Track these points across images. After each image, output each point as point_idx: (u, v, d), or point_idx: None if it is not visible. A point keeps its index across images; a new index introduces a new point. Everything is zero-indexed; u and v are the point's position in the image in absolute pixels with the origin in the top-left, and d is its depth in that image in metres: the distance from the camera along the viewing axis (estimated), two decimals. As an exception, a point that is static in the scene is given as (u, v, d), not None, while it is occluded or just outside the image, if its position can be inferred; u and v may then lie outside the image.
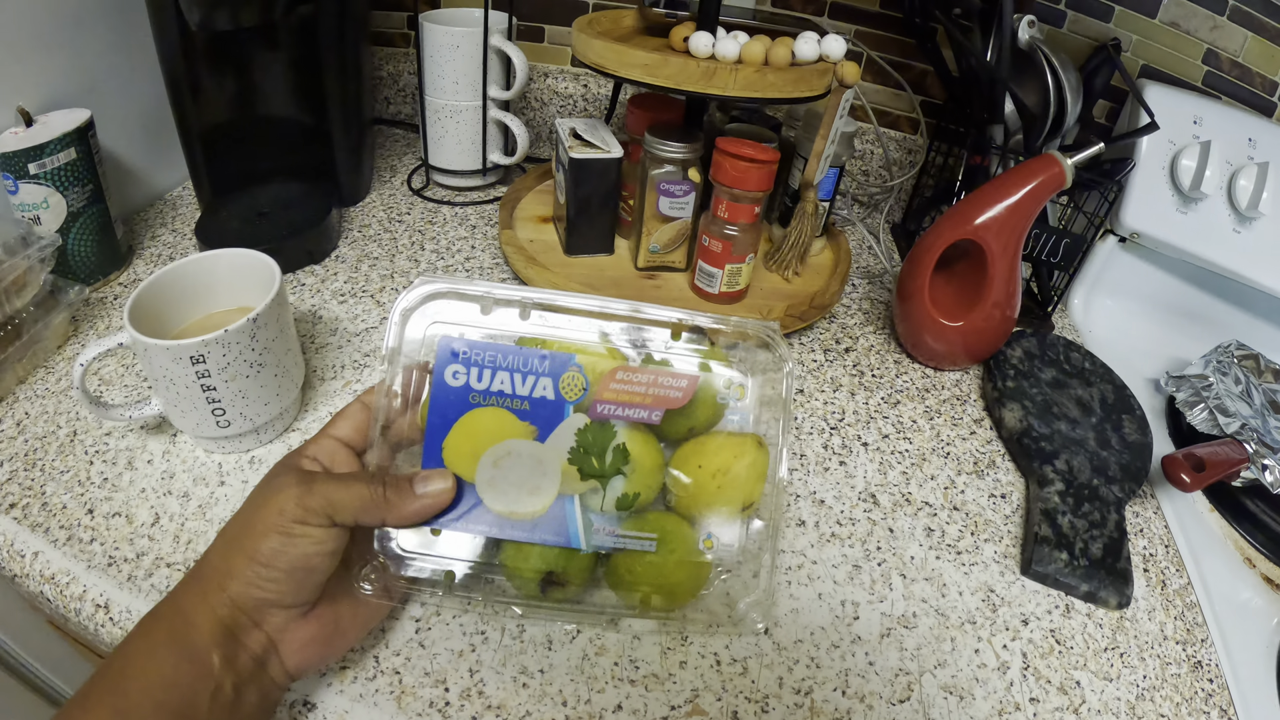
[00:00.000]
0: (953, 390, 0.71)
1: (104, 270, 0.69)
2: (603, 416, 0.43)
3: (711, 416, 0.45)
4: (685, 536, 0.44)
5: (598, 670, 0.45)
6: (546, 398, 0.42)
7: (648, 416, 0.43)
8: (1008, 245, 0.65)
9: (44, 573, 0.47)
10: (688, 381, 0.43)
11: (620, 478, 0.43)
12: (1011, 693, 0.47)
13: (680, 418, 0.44)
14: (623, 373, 0.43)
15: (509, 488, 0.42)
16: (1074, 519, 0.56)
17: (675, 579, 0.44)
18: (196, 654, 0.35)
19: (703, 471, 0.44)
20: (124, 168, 0.77)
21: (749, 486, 0.44)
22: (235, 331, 0.48)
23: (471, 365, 0.42)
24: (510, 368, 0.42)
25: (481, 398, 0.42)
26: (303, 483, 0.38)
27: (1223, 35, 0.78)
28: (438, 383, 0.42)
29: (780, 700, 0.45)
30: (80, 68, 0.70)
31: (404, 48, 1.03)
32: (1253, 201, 0.73)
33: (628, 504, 0.43)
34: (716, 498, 0.44)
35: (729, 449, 0.44)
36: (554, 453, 0.42)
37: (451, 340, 0.42)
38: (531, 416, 0.42)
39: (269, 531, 0.37)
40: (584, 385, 0.42)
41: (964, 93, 0.81)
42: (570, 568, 0.43)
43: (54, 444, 0.54)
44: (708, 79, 0.62)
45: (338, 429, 0.43)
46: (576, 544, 0.42)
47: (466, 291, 0.43)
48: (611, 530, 0.43)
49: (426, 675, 0.43)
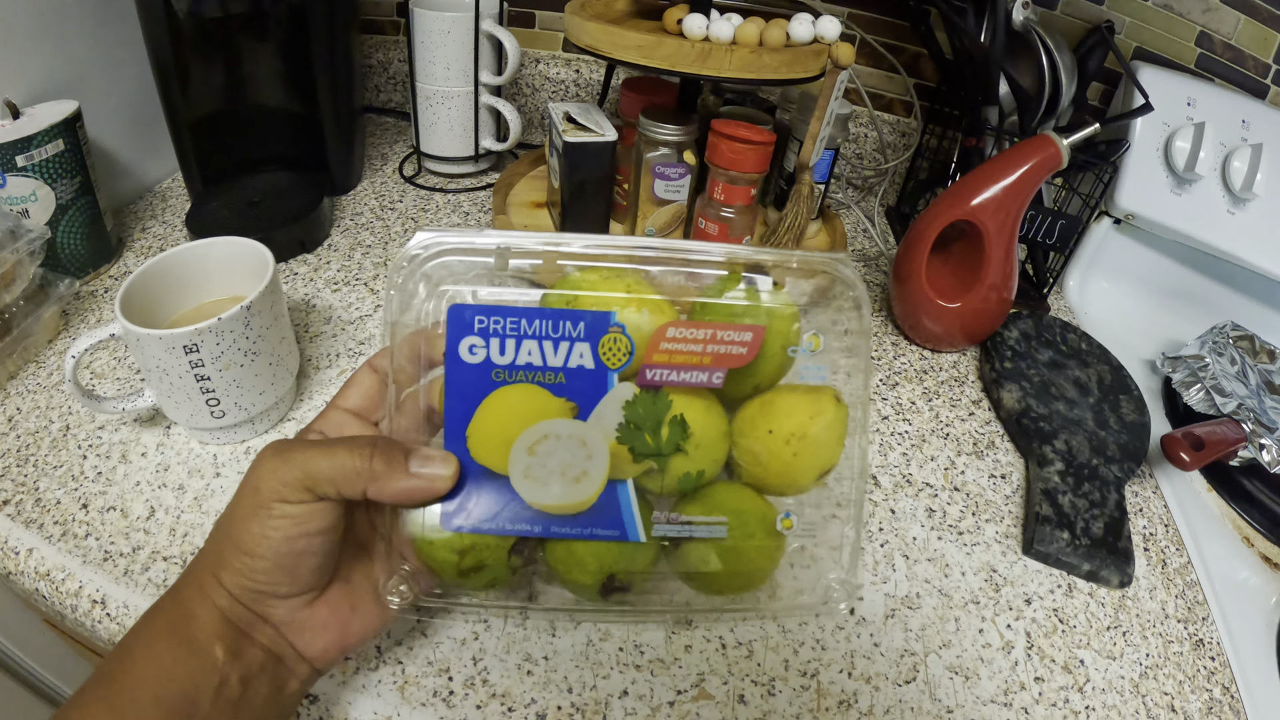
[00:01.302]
0: (950, 372, 0.71)
1: (94, 263, 0.69)
2: (654, 383, 0.37)
3: (778, 369, 0.39)
4: (761, 515, 0.39)
5: (602, 656, 0.44)
6: (585, 367, 0.36)
7: (708, 379, 0.37)
8: (1004, 226, 0.65)
9: (39, 569, 0.46)
10: (753, 334, 0.36)
11: (680, 455, 0.37)
12: (1016, 672, 0.47)
13: (744, 376, 0.38)
14: (674, 329, 0.36)
15: (549, 477, 0.36)
16: (1074, 498, 0.56)
17: (753, 565, 0.40)
18: (197, 647, 0.33)
19: (774, 437, 0.38)
20: (113, 159, 0.76)
21: (827, 451, 0.39)
22: (229, 320, 0.48)
23: (491, 336, 0.36)
24: (538, 335, 0.36)
25: (507, 374, 0.36)
26: (279, 454, 0.34)
27: (1215, 17, 0.78)
28: (452, 361, 0.36)
29: (786, 683, 0.44)
30: (67, 58, 0.69)
31: (394, 35, 1.02)
32: (1246, 183, 0.73)
33: (691, 484, 0.38)
34: (791, 466, 0.38)
35: (802, 408, 0.38)
36: (599, 432, 0.37)
37: (463, 309, 0.35)
38: (569, 391, 0.36)
39: (248, 515, 0.33)
40: (628, 348, 0.36)
41: (958, 75, 0.81)
42: (633, 568, 0.38)
43: (46, 439, 0.54)
44: (703, 60, 0.61)
45: (346, 399, 0.39)
46: (634, 536, 0.37)
47: (478, 245, 0.37)
48: (675, 517, 0.38)
49: (429, 664, 0.43)
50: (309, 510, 0.33)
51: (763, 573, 0.40)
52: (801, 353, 0.38)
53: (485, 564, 0.37)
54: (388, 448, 0.34)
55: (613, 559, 0.37)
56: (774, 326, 0.37)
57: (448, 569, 0.37)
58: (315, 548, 0.34)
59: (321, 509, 0.34)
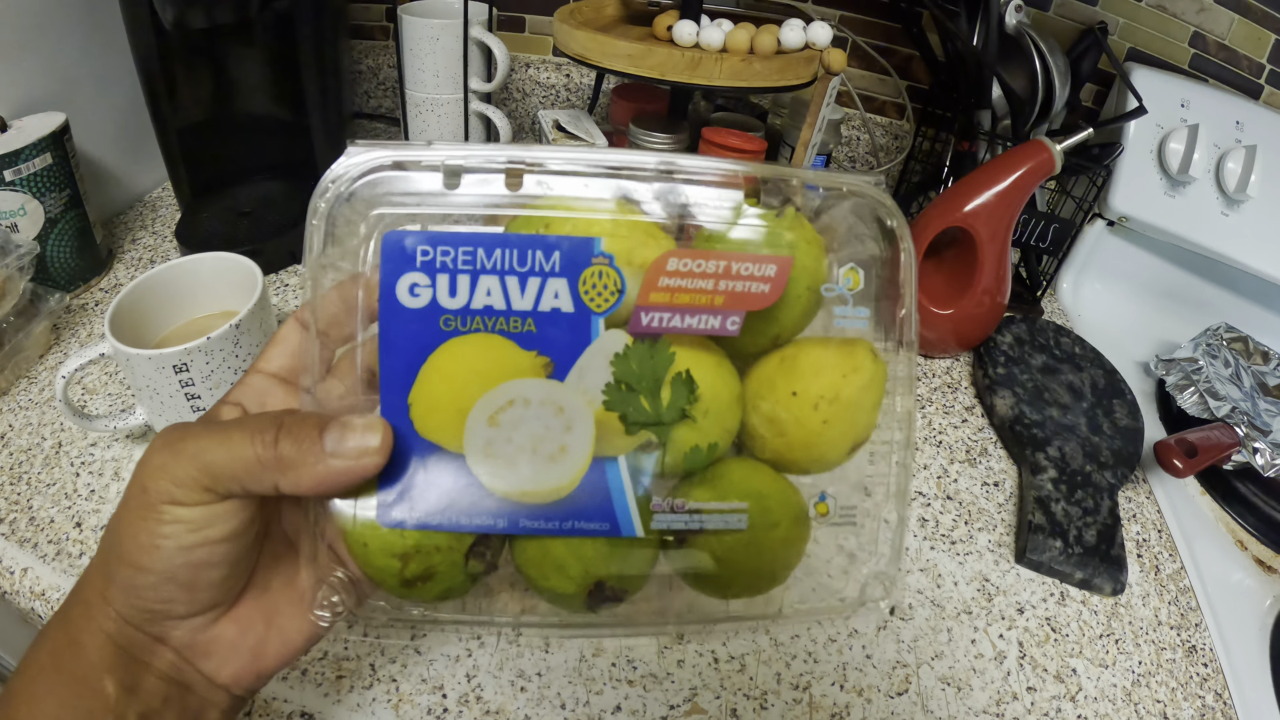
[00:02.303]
0: (943, 378, 0.71)
1: (84, 276, 0.68)
2: (651, 330, 0.29)
3: (802, 315, 0.31)
4: (787, 501, 0.32)
5: (595, 671, 0.44)
6: (561, 310, 0.28)
7: (721, 325, 0.29)
8: (997, 232, 0.65)
9: (34, 589, 0.46)
10: (777, 266, 0.28)
11: (686, 423, 0.29)
12: (1009, 682, 0.47)
13: (762, 324, 0.30)
14: (677, 259, 0.28)
15: (517, 455, 0.28)
16: (1067, 506, 0.56)
17: (775, 562, 0.32)
18: (85, 684, 0.27)
19: (799, 401, 0.30)
20: (101, 171, 0.76)
21: (864, 417, 0.31)
22: (218, 338, 0.48)
23: (438, 272, 0.27)
24: (499, 269, 0.27)
25: (460, 321, 0.28)
26: (169, 444, 0.27)
27: (1209, 18, 0.78)
28: (388, 306, 0.27)
29: (779, 696, 0.44)
30: (54, 70, 0.68)
31: (383, 40, 1.02)
32: (1240, 184, 0.73)
33: (701, 461, 0.30)
34: (820, 437, 0.31)
35: (834, 365, 0.31)
36: (581, 395, 0.29)
37: (402, 237, 0.27)
38: (541, 342, 0.28)
39: (134, 519, 0.27)
40: (618, 284, 0.28)
41: (951, 78, 0.81)
42: (626, 571, 0.30)
43: (39, 456, 0.54)
44: (692, 69, 0.61)
45: (269, 360, 0.31)
46: (629, 530, 0.29)
47: (422, 159, 0.29)
48: (681, 504, 0.30)
49: (423, 682, 0.43)
50: (208, 513, 0.27)
51: (786, 569, 0.33)
52: (838, 290, 0.30)
53: (435, 571, 0.29)
54: (297, 425, 0.27)
55: (600, 561, 0.29)
56: (801, 259, 0.29)
57: (388, 578, 0.29)
58: (218, 557, 0.27)
59: (225, 510, 0.27)
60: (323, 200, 0.28)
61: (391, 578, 0.29)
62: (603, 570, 0.30)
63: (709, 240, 0.30)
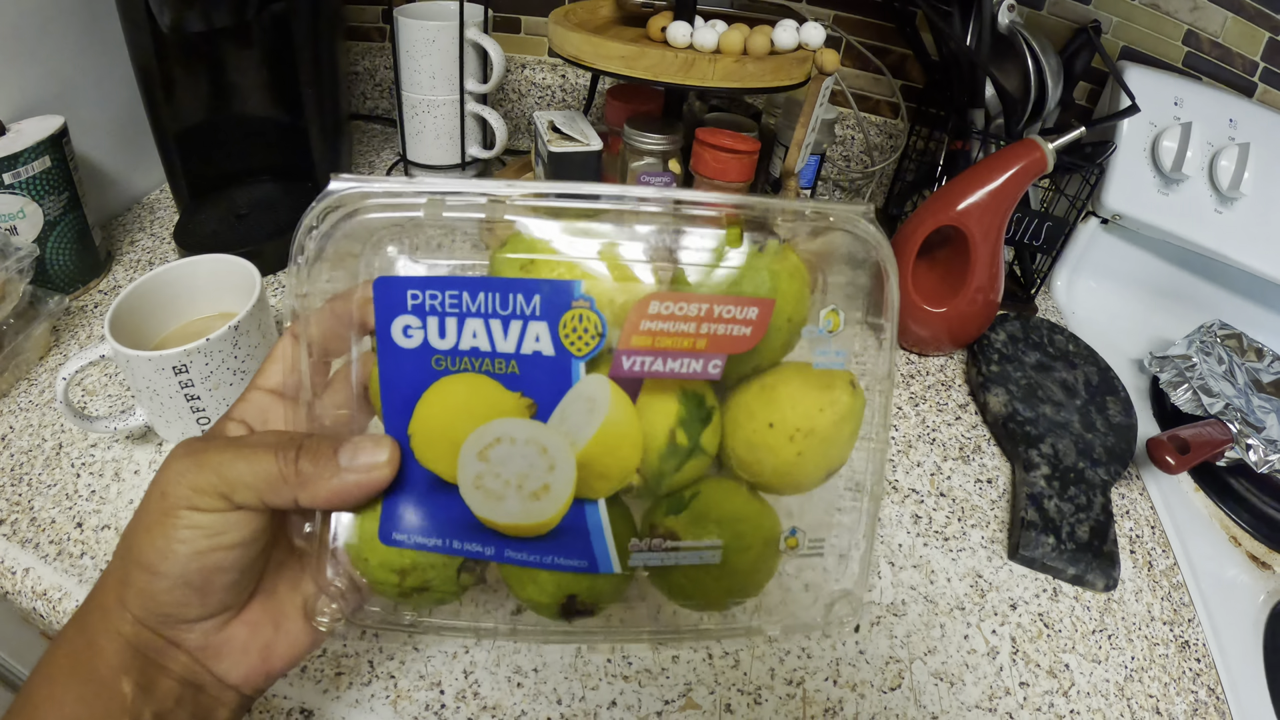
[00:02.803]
0: (937, 376, 0.72)
1: (83, 278, 0.69)
2: (633, 374, 0.29)
3: (783, 346, 0.32)
4: (760, 525, 0.33)
5: (590, 667, 0.45)
6: (542, 354, 0.29)
7: (703, 369, 0.29)
8: (990, 230, 0.65)
9: (35, 589, 0.47)
10: (759, 309, 0.29)
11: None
12: (1001, 677, 0.48)
13: (743, 359, 0.31)
14: (659, 302, 0.28)
15: (505, 490, 0.30)
16: (1060, 503, 0.57)
17: (746, 579, 0.34)
18: (102, 684, 0.28)
19: (776, 432, 0.31)
20: (100, 173, 0.76)
21: (838, 449, 0.32)
22: (217, 340, 0.48)
23: (429, 314, 0.29)
24: (483, 312, 0.28)
25: (450, 361, 0.29)
26: (190, 453, 0.29)
27: (1203, 16, 0.78)
28: (385, 345, 0.29)
29: (773, 691, 0.45)
30: (52, 74, 0.69)
31: (379, 42, 1.02)
32: (1234, 182, 0.73)
33: (681, 506, 0.32)
34: (794, 467, 0.32)
35: (811, 398, 0.32)
36: (563, 437, 0.29)
37: (392, 282, 0.29)
38: (524, 384, 0.29)
39: (152, 524, 0.28)
40: (598, 328, 0.28)
41: (944, 77, 0.81)
42: (598, 588, 0.32)
43: (40, 457, 0.54)
44: (686, 70, 0.61)
45: (267, 377, 0.33)
46: (606, 567, 0.31)
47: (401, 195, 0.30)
48: (658, 544, 0.31)
49: (421, 678, 0.43)
50: (223, 520, 0.28)
51: (757, 587, 0.34)
52: (818, 333, 0.31)
53: (430, 585, 0.31)
54: (315, 445, 0.29)
55: (572, 579, 0.32)
56: (783, 295, 0.30)
57: (388, 590, 0.31)
58: (230, 563, 0.29)
59: (239, 519, 0.29)
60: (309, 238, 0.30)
61: (391, 590, 0.31)
62: (575, 587, 0.32)
63: (689, 283, 0.30)
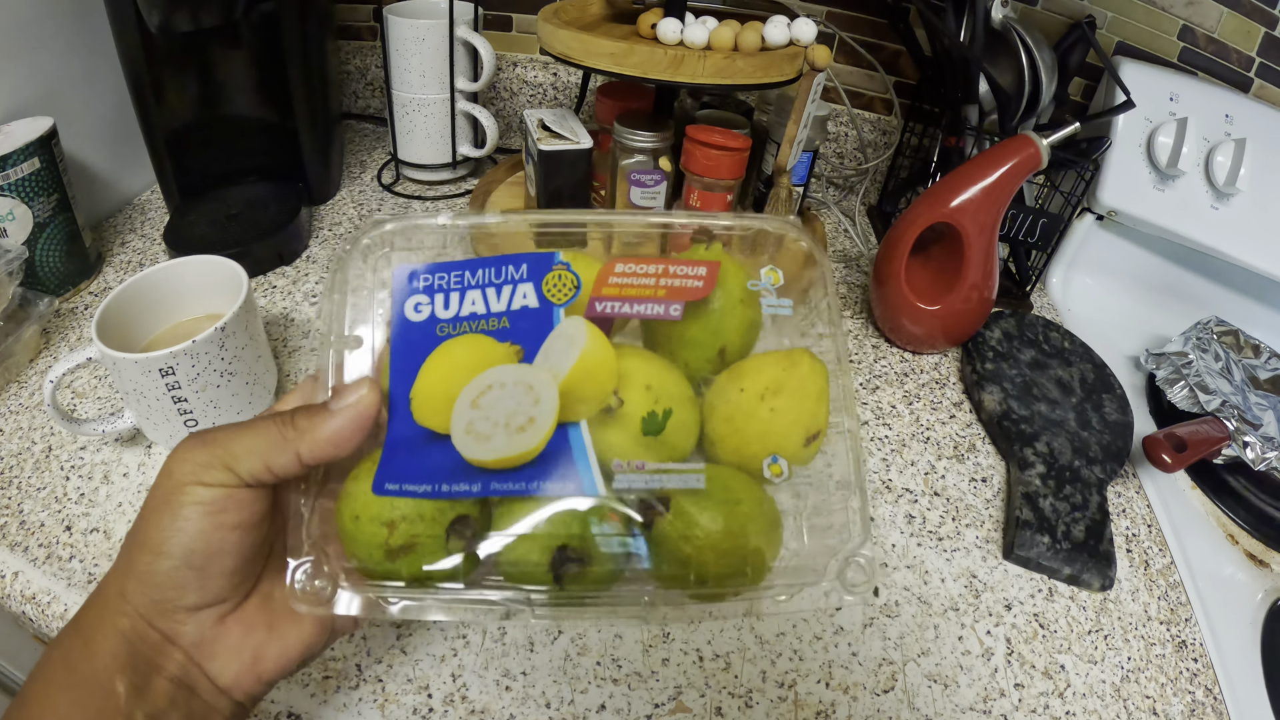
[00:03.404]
0: (931, 374, 0.71)
1: (73, 280, 0.68)
2: (604, 315, 0.33)
3: (743, 323, 0.36)
4: (748, 482, 0.34)
5: (580, 670, 0.45)
6: (529, 306, 0.34)
7: (665, 311, 0.34)
8: (984, 227, 0.65)
9: (25, 593, 0.47)
10: (707, 268, 0.34)
11: (642, 391, 0.33)
12: (996, 679, 0.47)
13: (706, 325, 0.35)
14: (622, 264, 0.34)
15: (493, 430, 0.32)
16: (1055, 502, 0.56)
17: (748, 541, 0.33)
18: (96, 685, 0.29)
19: (746, 395, 0.34)
20: (90, 174, 0.76)
21: (810, 407, 0.34)
22: (204, 341, 0.48)
23: (436, 292, 0.34)
24: (481, 283, 0.34)
25: (451, 327, 0.33)
26: (195, 436, 0.31)
27: (1198, 11, 0.77)
28: (399, 321, 0.34)
29: (764, 694, 0.45)
30: (40, 74, 0.68)
31: (370, 40, 1.02)
32: (1230, 178, 0.72)
33: (658, 426, 0.33)
34: (771, 426, 0.34)
35: (773, 362, 0.35)
36: (547, 373, 0.33)
37: (409, 269, 0.34)
38: (513, 334, 0.33)
39: (159, 505, 0.30)
40: (574, 283, 0.34)
41: (938, 73, 0.80)
42: (589, 534, 0.32)
43: (29, 460, 0.54)
44: (676, 67, 0.61)
45: (286, 405, 0.35)
46: (591, 489, 0.31)
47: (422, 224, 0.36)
48: (640, 464, 0.32)
49: (409, 682, 0.43)
50: (227, 496, 0.30)
51: (759, 556, 0.33)
52: (763, 284, 0.36)
53: (418, 542, 0.31)
54: (308, 406, 0.32)
55: (562, 524, 0.32)
56: (729, 267, 0.35)
57: (375, 550, 0.31)
58: (231, 545, 0.30)
59: (243, 497, 0.30)
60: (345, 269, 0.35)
61: (377, 549, 0.31)
62: (564, 533, 0.32)
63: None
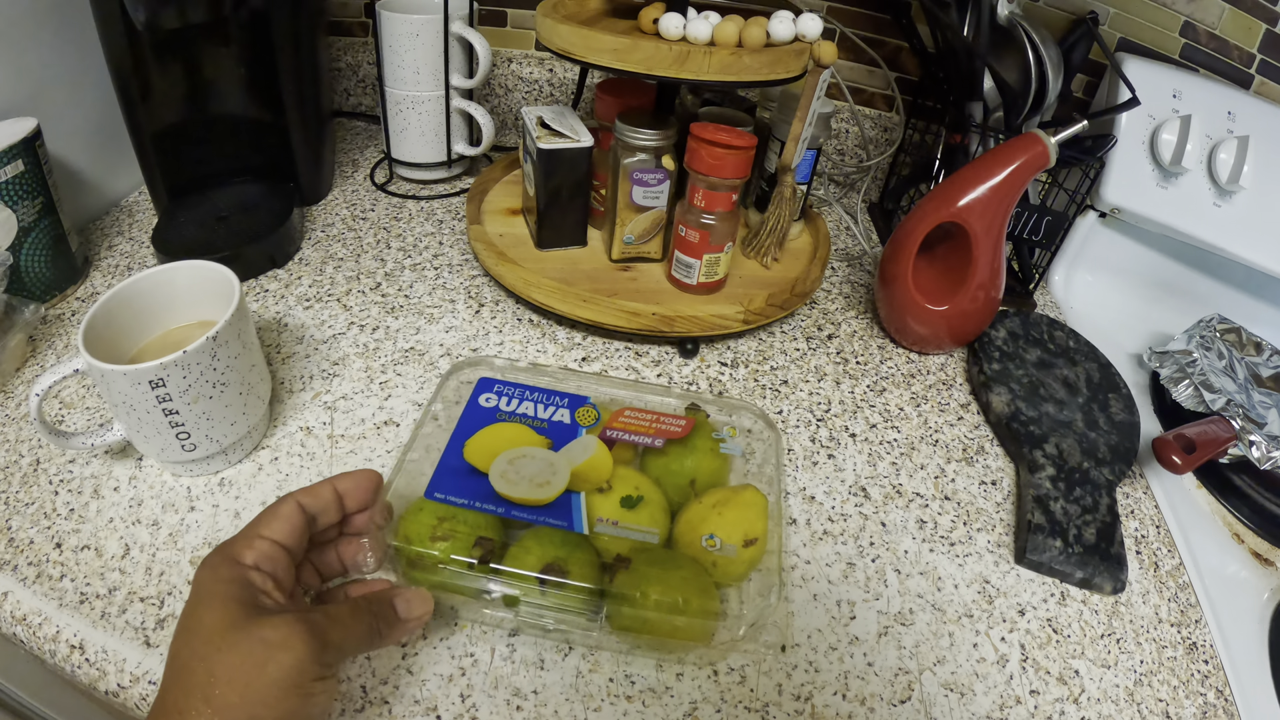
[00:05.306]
0: (938, 375, 0.71)
1: (60, 285, 0.66)
2: (612, 439, 0.49)
3: (711, 462, 0.50)
4: (691, 559, 0.45)
5: (592, 688, 0.43)
6: (563, 422, 0.50)
7: (651, 442, 0.50)
8: (991, 226, 0.64)
9: (14, 614, 0.45)
10: (685, 421, 0.51)
11: (628, 486, 0.47)
12: (1012, 686, 0.47)
13: (681, 459, 0.50)
14: (630, 411, 0.52)
15: (520, 480, 0.46)
16: (1066, 504, 0.56)
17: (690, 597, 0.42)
18: None
19: (701, 504, 0.47)
20: (76, 176, 0.74)
21: (750, 516, 0.46)
22: (195, 352, 0.46)
23: (502, 394, 0.52)
24: (534, 400, 0.51)
25: (507, 416, 0.50)
26: (314, 636, 0.36)
27: (1200, 7, 0.77)
28: (471, 405, 0.51)
29: (780, 708, 0.44)
30: (23, 74, 0.66)
31: (362, 37, 1.00)
32: (1233, 175, 0.72)
33: (632, 503, 0.47)
34: (716, 525, 0.46)
35: (727, 489, 0.48)
36: (565, 460, 0.47)
37: (489, 379, 0.53)
38: (548, 432, 0.49)
39: (283, 698, 0.34)
40: (596, 416, 0.51)
41: (942, 69, 0.79)
42: (572, 558, 0.43)
43: (17, 474, 0.52)
44: (680, 63, 0.59)
45: (272, 530, 0.40)
46: (579, 528, 0.44)
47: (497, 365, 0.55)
48: (614, 521, 0.45)
49: (416, 704, 0.42)
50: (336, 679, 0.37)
51: (689, 604, 0.42)
52: (723, 435, 0.51)
53: (454, 534, 0.43)
54: (377, 605, 0.40)
55: (556, 547, 0.43)
56: (703, 427, 0.51)
57: (423, 531, 0.43)
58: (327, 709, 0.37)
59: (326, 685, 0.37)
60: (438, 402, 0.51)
61: (425, 531, 0.43)
62: (554, 553, 0.43)
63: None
